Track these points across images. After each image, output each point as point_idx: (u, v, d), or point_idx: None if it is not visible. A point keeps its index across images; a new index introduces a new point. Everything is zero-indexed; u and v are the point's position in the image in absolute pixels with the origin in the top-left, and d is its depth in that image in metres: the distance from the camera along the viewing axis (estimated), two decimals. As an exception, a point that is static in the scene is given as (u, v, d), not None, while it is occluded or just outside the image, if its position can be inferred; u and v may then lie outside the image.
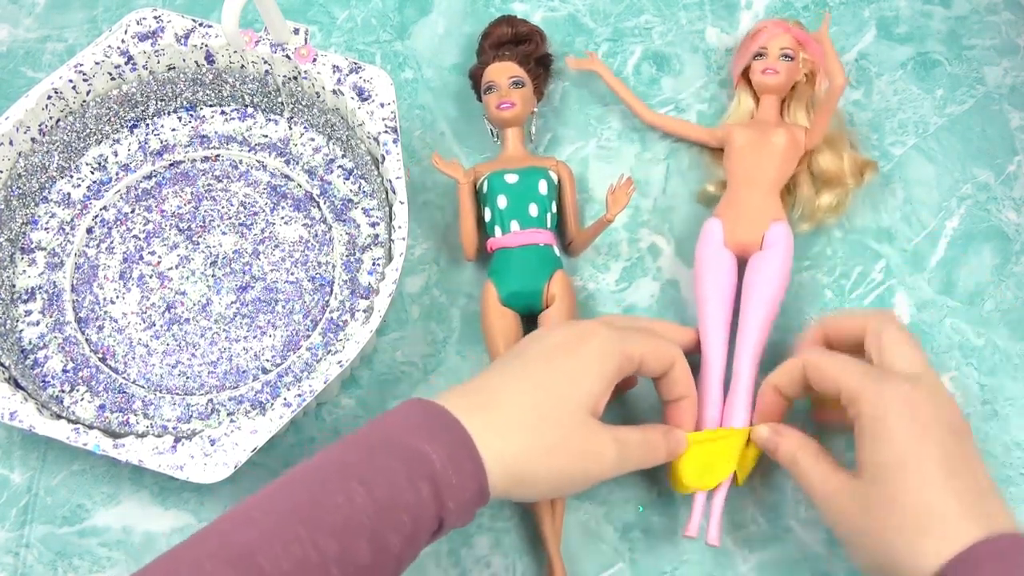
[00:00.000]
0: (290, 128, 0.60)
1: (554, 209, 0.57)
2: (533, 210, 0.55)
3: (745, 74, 0.60)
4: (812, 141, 0.57)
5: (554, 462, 0.43)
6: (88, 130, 0.59)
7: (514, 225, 0.55)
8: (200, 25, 0.57)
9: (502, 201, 0.55)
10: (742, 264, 0.56)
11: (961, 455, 0.43)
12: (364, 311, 0.56)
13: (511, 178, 0.56)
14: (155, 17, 0.57)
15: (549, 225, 0.56)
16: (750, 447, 0.51)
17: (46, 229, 0.58)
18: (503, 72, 0.58)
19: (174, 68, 0.58)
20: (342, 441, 0.41)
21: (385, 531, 0.37)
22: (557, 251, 0.56)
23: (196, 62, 0.58)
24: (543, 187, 0.56)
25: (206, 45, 0.57)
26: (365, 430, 0.41)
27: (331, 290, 0.57)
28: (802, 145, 0.57)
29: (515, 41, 0.60)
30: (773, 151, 0.56)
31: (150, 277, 0.57)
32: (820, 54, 0.58)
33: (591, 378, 0.45)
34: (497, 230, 0.56)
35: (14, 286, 0.56)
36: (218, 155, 0.60)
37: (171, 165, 0.60)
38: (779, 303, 0.54)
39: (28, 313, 0.56)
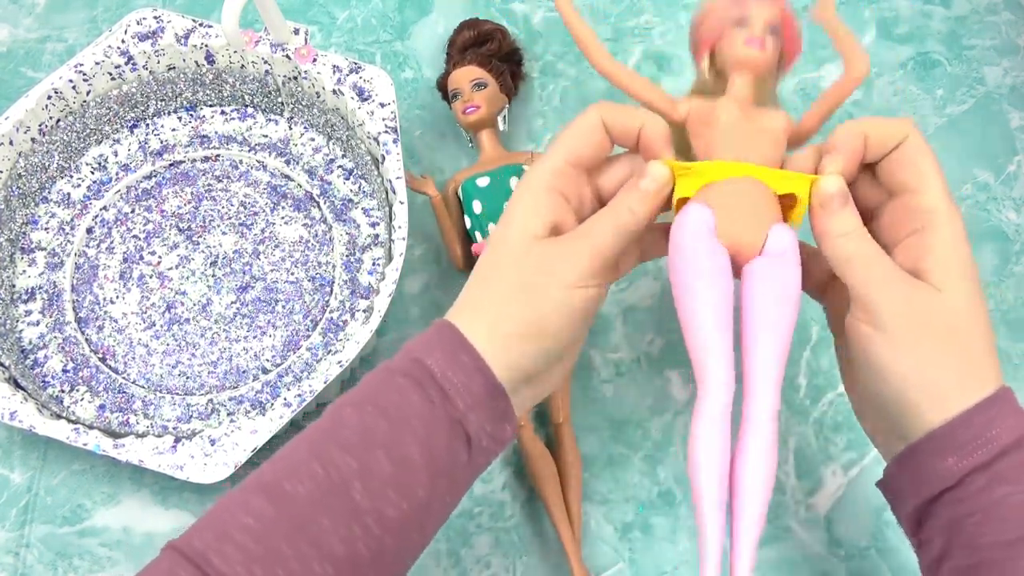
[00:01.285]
0: (290, 128, 0.60)
1: None
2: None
3: (712, 57, 0.44)
4: (803, 136, 0.44)
5: (534, 308, 0.38)
6: (88, 130, 0.59)
7: (491, 228, 0.55)
8: (200, 25, 0.57)
9: (477, 206, 0.56)
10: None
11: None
12: (364, 311, 0.56)
13: (483, 182, 0.56)
14: (155, 17, 0.57)
15: None
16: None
17: (46, 229, 0.58)
18: (464, 77, 0.58)
19: (174, 68, 0.58)
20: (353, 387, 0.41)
21: (400, 440, 0.37)
22: None
23: (196, 62, 0.58)
24: (515, 184, 0.56)
25: (206, 45, 0.57)
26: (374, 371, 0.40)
27: (331, 290, 0.57)
28: (785, 140, 0.43)
29: (478, 43, 0.60)
30: (772, 137, 0.42)
31: (150, 277, 0.57)
32: (796, 40, 0.45)
33: (521, 207, 0.40)
34: (478, 235, 0.56)
35: (14, 286, 0.56)
36: (218, 155, 0.60)
37: (171, 165, 0.60)
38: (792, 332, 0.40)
39: (28, 313, 0.56)
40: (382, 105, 0.55)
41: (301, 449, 0.38)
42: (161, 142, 0.60)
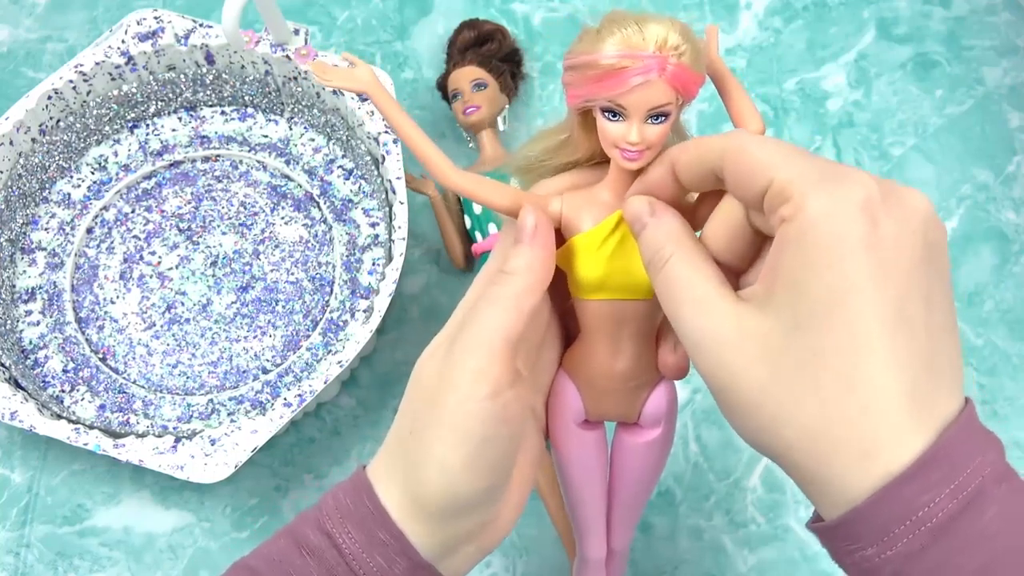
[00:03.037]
0: (290, 128, 0.60)
1: None
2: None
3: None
4: (702, 220, 0.32)
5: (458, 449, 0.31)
6: (88, 130, 0.59)
7: (491, 228, 0.55)
8: (200, 25, 0.57)
9: (477, 206, 0.56)
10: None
11: (927, 306, 0.26)
12: (364, 311, 0.56)
13: None
14: (155, 17, 0.57)
15: None
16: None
17: (46, 229, 0.58)
18: (464, 77, 0.59)
19: (174, 68, 0.58)
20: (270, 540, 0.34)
21: None
22: None
23: (196, 62, 0.58)
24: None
25: (206, 45, 0.57)
26: (289, 526, 0.34)
27: (331, 290, 0.57)
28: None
29: (478, 44, 0.60)
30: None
31: (150, 277, 0.57)
32: (695, 82, 0.31)
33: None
34: (478, 235, 0.56)
35: (14, 286, 0.56)
36: (218, 155, 0.60)
37: (171, 165, 0.60)
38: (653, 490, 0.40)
39: (28, 313, 0.56)
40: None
41: None
42: (161, 142, 0.60)
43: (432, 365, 0.32)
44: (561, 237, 0.33)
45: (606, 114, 0.31)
